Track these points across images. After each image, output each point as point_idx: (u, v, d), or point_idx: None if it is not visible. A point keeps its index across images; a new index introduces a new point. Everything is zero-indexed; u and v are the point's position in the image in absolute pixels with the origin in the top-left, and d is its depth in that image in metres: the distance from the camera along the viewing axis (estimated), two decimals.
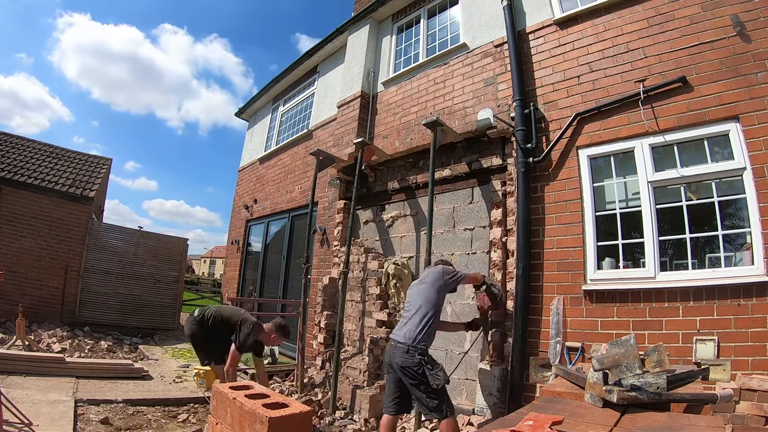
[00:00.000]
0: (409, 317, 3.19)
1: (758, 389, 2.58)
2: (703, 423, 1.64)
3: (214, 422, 2.39)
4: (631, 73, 3.72)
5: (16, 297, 7.09)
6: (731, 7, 3.32)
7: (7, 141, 9.31)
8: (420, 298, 3.23)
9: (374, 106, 6.23)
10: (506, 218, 4.26)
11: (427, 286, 3.28)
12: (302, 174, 7.59)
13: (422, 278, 3.46)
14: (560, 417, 1.62)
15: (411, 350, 2.99)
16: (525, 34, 4.53)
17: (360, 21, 6.76)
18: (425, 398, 2.95)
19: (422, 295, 3.24)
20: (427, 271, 3.51)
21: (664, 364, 2.25)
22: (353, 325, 5.41)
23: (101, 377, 4.89)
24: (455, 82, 5.12)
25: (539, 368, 3.64)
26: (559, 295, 3.70)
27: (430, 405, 2.94)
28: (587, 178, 3.82)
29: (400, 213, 5.50)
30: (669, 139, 3.46)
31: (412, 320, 3.14)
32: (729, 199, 3.25)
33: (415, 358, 2.96)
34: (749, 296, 2.91)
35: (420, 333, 3.05)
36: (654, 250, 3.36)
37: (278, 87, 9.24)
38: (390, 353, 3.13)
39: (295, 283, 7.15)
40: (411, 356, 2.98)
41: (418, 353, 2.98)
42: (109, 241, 8.93)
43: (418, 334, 3.05)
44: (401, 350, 3.02)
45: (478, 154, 4.75)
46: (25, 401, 3.62)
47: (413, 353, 2.98)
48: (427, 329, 3.09)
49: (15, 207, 7.83)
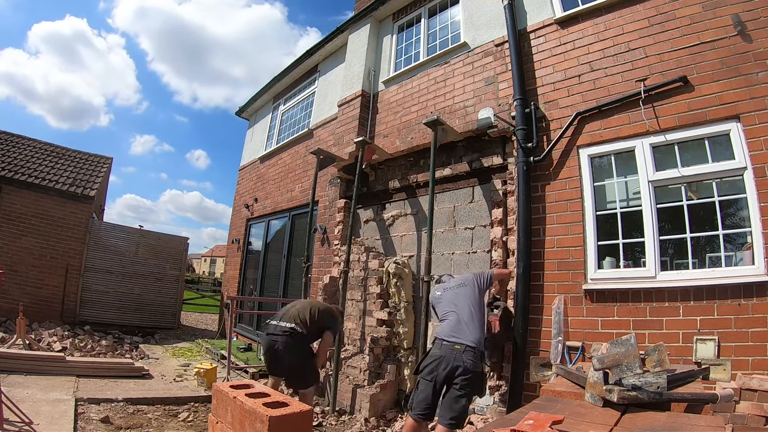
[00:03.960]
0: (465, 320, 3.12)
1: (758, 389, 2.58)
2: (704, 423, 1.64)
3: (215, 421, 2.39)
4: (631, 72, 3.72)
5: (16, 296, 7.11)
6: (732, 6, 3.31)
7: (8, 140, 9.31)
8: (467, 300, 3.24)
9: (375, 105, 6.22)
10: (507, 217, 4.25)
11: (469, 289, 3.31)
12: (303, 173, 7.58)
13: (456, 283, 3.48)
14: (561, 416, 1.62)
15: (479, 354, 2.96)
16: (526, 34, 4.52)
17: (361, 20, 6.75)
18: (461, 407, 2.84)
19: (469, 297, 3.25)
20: (456, 278, 3.58)
21: (664, 363, 2.25)
22: (354, 324, 5.41)
23: (102, 376, 4.90)
24: (456, 81, 5.11)
25: (540, 368, 3.64)
26: (560, 295, 3.70)
27: (460, 414, 2.86)
28: (588, 177, 3.82)
29: (401, 212, 5.50)
30: (670, 139, 3.45)
31: (471, 323, 3.09)
32: (729, 199, 3.25)
33: (480, 364, 2.95)
34: (749, 296, 2.90)
35: (483, 336, 3.06)
36: (654, 250, 3.35)
37: (279, 86, 9.23)
38: (450, 355, 2.95)
39: (295, 282, 7.14)
40: (479, 361, 2.94)
41: (481, 358, 2.97)
42: (109, 240, 8.94)
43: (482, 337, 3.05)
44: (470, 353, 2.92)
45: (478, 153, 4.75)
46: (26, 400, 3.63)
47: (480, 357, 2.96)
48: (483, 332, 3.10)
49: (16, 206, 7.84)
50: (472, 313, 3.18)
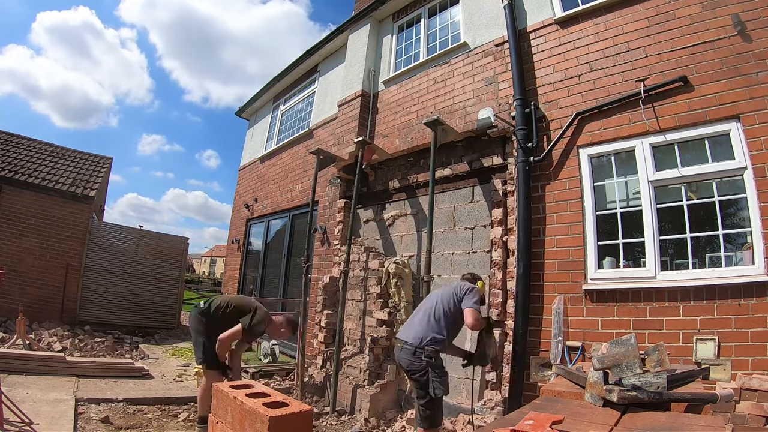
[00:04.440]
0: (417, 319, 3.18)
1: (758, 389, 2.58)
2: (704, 423, 1.64)
3: (215, 421, 2.39)
4: (631, 72, 3.72)
5: (16, 296, 7.10)
6: (732, 6, 3.32)
7: (8, 140, 9.30)
8: (433, 303, 3.24)
9: (375, 105, 6.22)
10: (507, 217, 4.25)
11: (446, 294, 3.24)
12: (303, 173, 7.58)
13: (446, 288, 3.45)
14: (560, 416, 1.61)
15: (419, 352, 3.00)
16: (526, 33, 4.52)
17: (360, 20, 6.76)
18: (420, 405, 2.98)
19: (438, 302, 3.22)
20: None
21: (664, 363, 2.25)
22: (354, 324, 5.41)
23: (102, 376, 4.89)
24: (456, 81, 5.12)
25: (540, 367, 3.64)
26: (560, 295, 3.70)
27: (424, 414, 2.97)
28: (588, 177, 3.82)
29: (401, 212, 5.50)
30: (669, 139, 3.45)
31: (423, 322, 3.12)
32: (729, 199, 3.25)
33: (422, 361, 2.97)
34: (749, 296, 2.91)
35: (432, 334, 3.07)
36: (654, 250, 3.36)
37: (279, 86, 9.23)
38: (397, 354, 3.12)
39: (295, 282, 7.15)
40: (419, 359, 2.98)
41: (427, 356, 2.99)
42: (109, 240, 8.93)
43: (429, 335, 3.06)
44: (408, 352, 3.02)
45: (478, 153, 4.75)
46: (26, 400, 3.62)
47: (421, 355, 2.99)
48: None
49: (16, 206, 7.84)
50: (429, 314, 3.09)
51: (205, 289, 17.94)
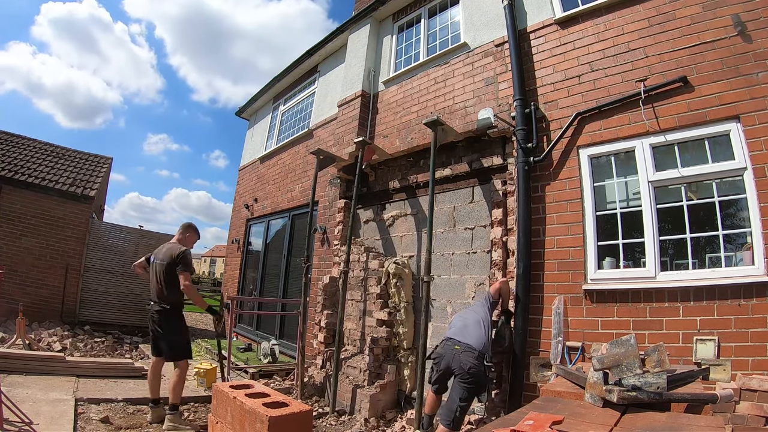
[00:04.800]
0: (471, 325, 3.46)
1: (758, 389, 2.58)
2: (704, 423, 1.64)
3: (215, 421, 2.40)
4: (631, 72, 3.72)
5: (16, 296, 7.11)
6: (732, 6, 3.31)
7: (8, 140, 9.31)
8: (475, 311, 3.62)
9: (375, 105, 6.22)
10: (507, 218, 4.25)
11: (479, 305, 3.68)
12: (303, 173, 7.58)
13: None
14: (560, 417, 1.62)
15: (480, 356, 3.25)
16: (526, 34, 4.52)
17: (360, 20, 6.76)
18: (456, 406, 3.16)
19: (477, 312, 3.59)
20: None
21: (664, 363, 2.25)
22: (354, 325, 5.41)
23: (102, 376, 4.89)
24: (456, 82, 5.11)
25: (540, 368, 3.64)
26: (560, 295, 3.70)
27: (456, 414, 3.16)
28: (588, 177, 3.82)
29: (401, 212, 5.50)
30: (670, 139, 3.45)
31: (476, 328, 3.41)
32: (729, 199, 3.25)
33: (481, 366, 3.23)
34: (749, 296, 2.90)
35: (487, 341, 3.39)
36: (654, 250, 3.35)
37: (279, 86, 9.23)
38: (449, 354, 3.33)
39: (295, 282, 7.15)
40: (479, 363, 3.21)
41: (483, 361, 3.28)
42: (109, 240, 8.94)
43: (486, 342, 3.36)
44: (469, 354, 3.21)
45: (478, 153, 4.75)
46: (26, 400, 3.62)
47: (480, 360, 3.24)
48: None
49: (15, 206, 7.84)
50: (479, 321, 3.41)
51: (205, 289, 17.94)
